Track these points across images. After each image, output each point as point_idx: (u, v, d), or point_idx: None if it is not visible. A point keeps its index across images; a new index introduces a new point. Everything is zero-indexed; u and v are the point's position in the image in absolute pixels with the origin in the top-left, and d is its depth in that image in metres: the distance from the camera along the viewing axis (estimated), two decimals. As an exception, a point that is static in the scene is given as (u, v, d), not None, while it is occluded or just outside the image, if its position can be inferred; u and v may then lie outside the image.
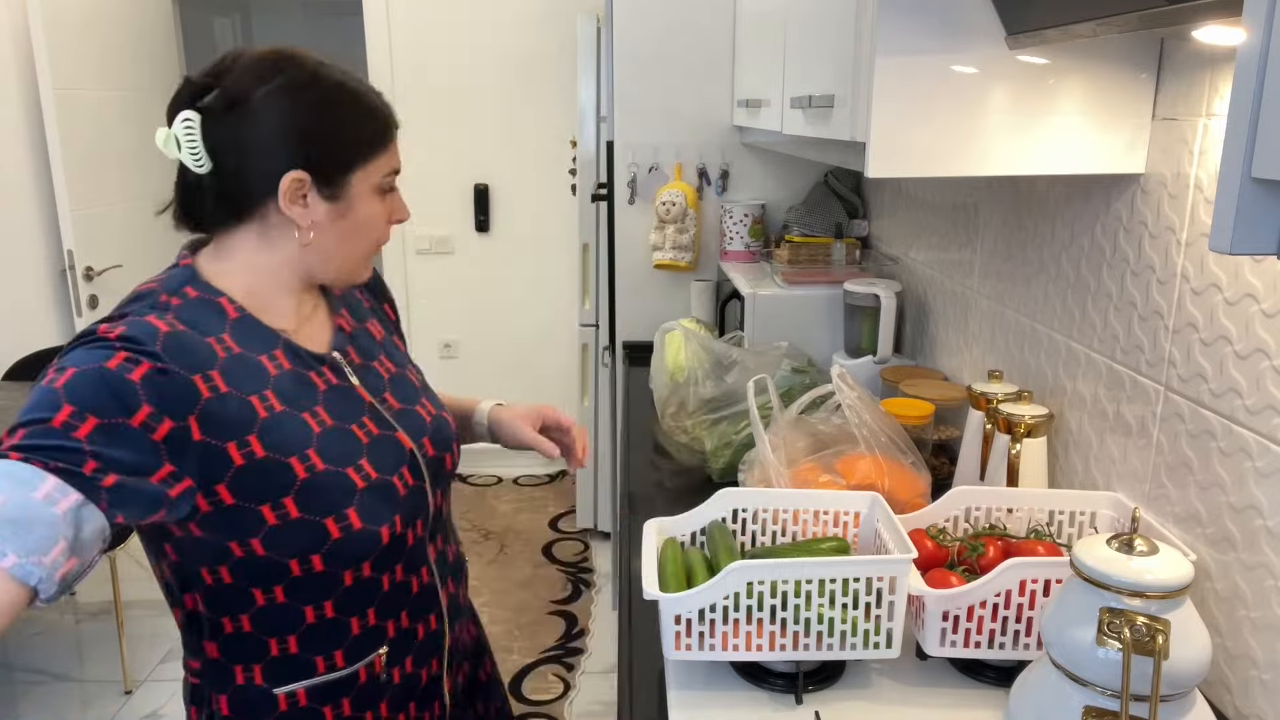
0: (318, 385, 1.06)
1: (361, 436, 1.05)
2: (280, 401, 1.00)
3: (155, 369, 0.91)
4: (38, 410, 0.88)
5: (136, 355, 0.91)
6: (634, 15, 2.61)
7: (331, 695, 1.08)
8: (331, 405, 1.05)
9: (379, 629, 1.09)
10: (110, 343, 0.92)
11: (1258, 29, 0.58)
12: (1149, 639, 0.83)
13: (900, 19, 1.20)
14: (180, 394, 0.92)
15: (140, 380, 0.90)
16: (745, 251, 2.63)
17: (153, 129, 1.09)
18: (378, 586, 1.07)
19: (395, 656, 1.12)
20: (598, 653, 2.92)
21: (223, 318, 1.03)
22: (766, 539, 1.30)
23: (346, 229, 1.05)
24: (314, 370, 1.06)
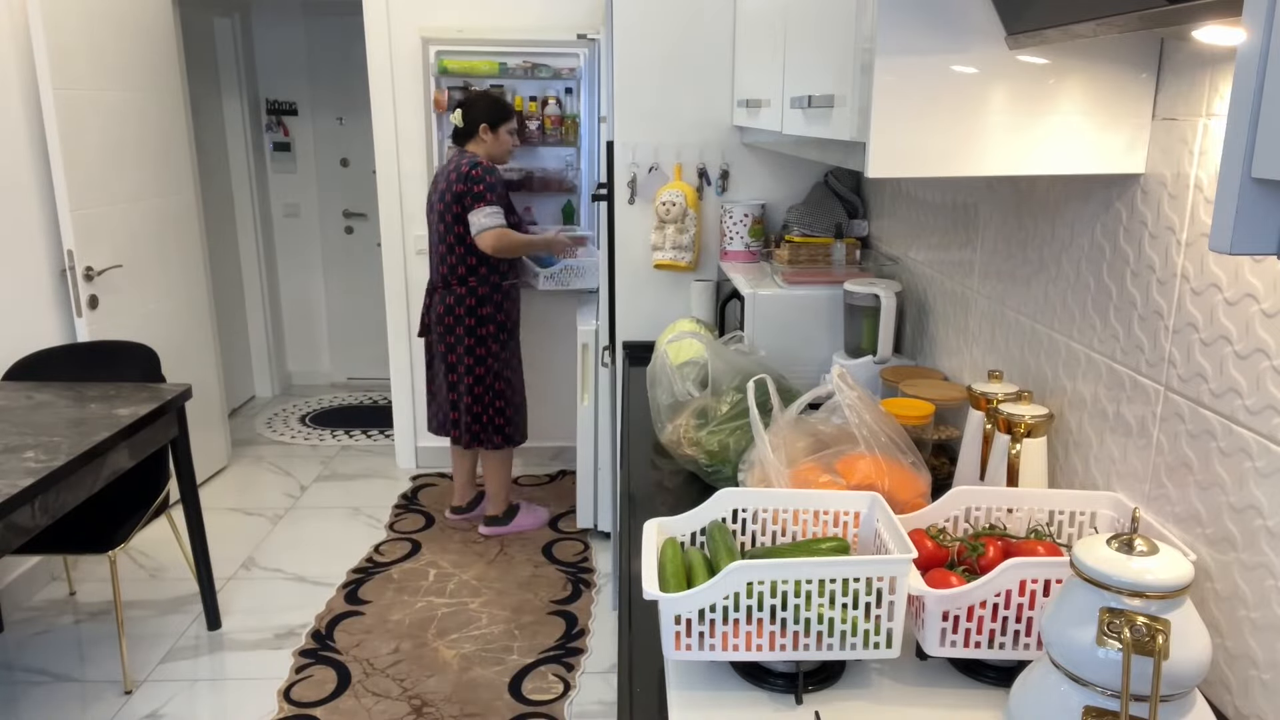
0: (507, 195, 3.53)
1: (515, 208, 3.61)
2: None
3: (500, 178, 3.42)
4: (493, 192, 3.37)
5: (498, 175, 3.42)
6: (634, 15, 2.61)
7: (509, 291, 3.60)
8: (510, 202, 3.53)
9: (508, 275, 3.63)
10: (497, 173, 3.41)
11: (1258, 29, 0.58)
12: (1149, 639, 0.83)
13: (900, 19, 1.20)
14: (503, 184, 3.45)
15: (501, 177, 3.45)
16: (745, 251, 2.63)
17: (153, 129, 1.13)
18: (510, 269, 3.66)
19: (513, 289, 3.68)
20: (598, 653, 2.92)
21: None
22: (766, 539, 1.30)
23: (498, 144, 3.42)
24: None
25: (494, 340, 3.46)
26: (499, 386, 3.51)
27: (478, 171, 3.26)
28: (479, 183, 3.26)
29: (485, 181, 3.27)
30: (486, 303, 3.42)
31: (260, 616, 3.13)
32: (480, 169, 3.27)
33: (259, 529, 3.80)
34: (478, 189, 3.27)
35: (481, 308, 3.42)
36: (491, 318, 3.44)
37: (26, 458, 2.24)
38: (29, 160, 3.19)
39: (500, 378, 3.51)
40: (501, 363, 3.50)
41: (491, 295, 3.42)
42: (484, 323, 3.43)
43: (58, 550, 2.71)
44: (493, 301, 3.43)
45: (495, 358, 3.47)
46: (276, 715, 2.61)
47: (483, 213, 3.26)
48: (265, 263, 5.36)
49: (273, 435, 4.90)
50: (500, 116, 3.35)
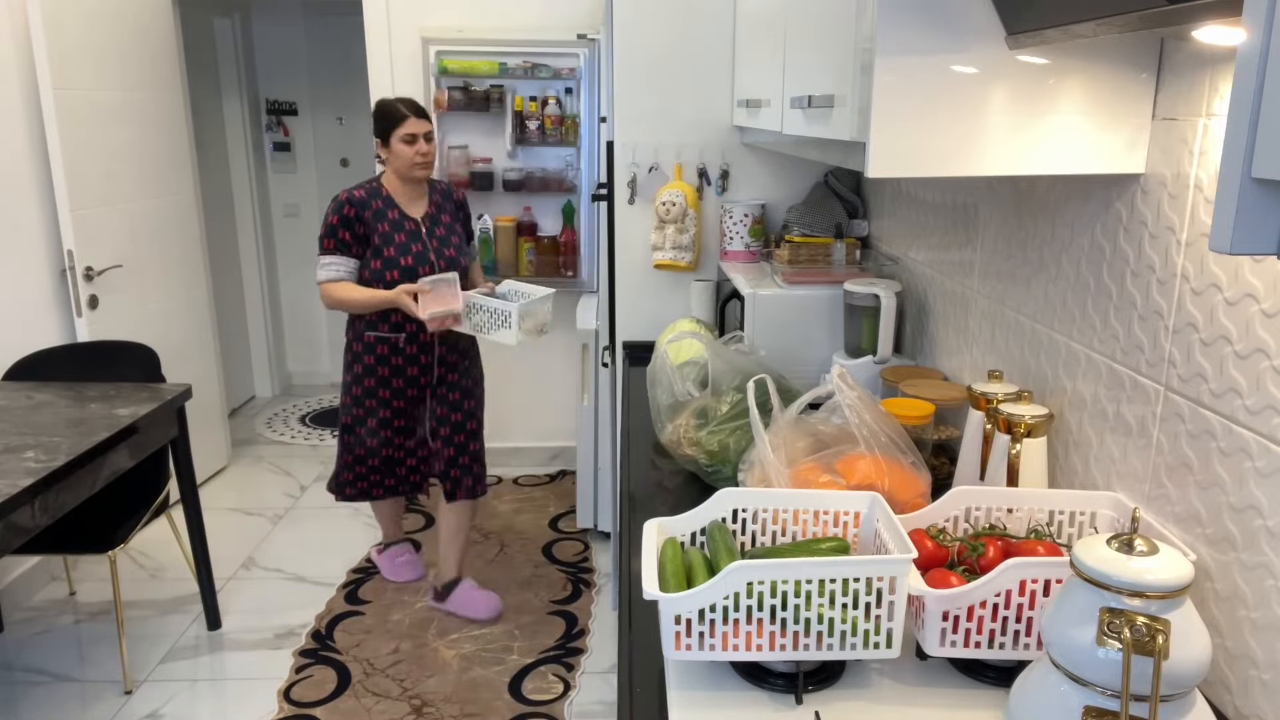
0: (406, 226, 2.84)
1: (413, 248, 2.83)
2: (390, 227, 2.81)
3: (351, 208, 2.79)
4: (331, 234, 2.79)
5: (350, 205, 2.80)
6: (634, 16, 2.61)
7: (383, 343, 2.90)
8: (408, 235, 2.83)
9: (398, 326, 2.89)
10: (341, 201, 2.79)
11: (1258, 29, 0.58)
12: (1149, 639, 0.83)
13: (900, 19, 1.20)
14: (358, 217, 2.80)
15: (353, 215, 2.80)
16: (745, 251, 2.63)
17: (152, 129, 1.14)
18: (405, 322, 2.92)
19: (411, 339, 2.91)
20: (598, 653, 2.92)
21: (379, 195, 2.84)
22: (766, 539, 1.30)
23: (393, 158, 2.82)
24: (409, 221, 2.85)
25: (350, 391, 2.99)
26: (346, 438, 3.04)
27: (331, 205, 2.80)
28: (324, 222, 2.80)
29: (325, 221, 2.79)
30: (348, 351, 2.97)
31: (260, 616, 3.13)
32: (333, 202, 2.80)
33: (259, 529, 3.80)
34: (322, 230, 2.80)
35: (348, 354, 2.97)
36: (349, 367, 2.97)
37: (26, 458, 2.24)
38: (29, 160, 3.19)
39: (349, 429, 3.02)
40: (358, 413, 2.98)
41: (351, 346, 2.96)
42: (347, 369, 2.98)
43: (58, 550, 2.71)
44: (351, 352, 2.96)
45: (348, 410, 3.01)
46: (276, 715, 2.61)
47: (319, 263, 2.81)
48: (265, 263, 5.35)
49: (273, 435, 4.90)
50: (387, 125, 2.78)
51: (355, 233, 2.77)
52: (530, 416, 4.40)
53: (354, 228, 2.76)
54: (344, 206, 2.76)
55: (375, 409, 2.94)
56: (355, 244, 2.78)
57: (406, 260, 2.78)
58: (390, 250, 2.78)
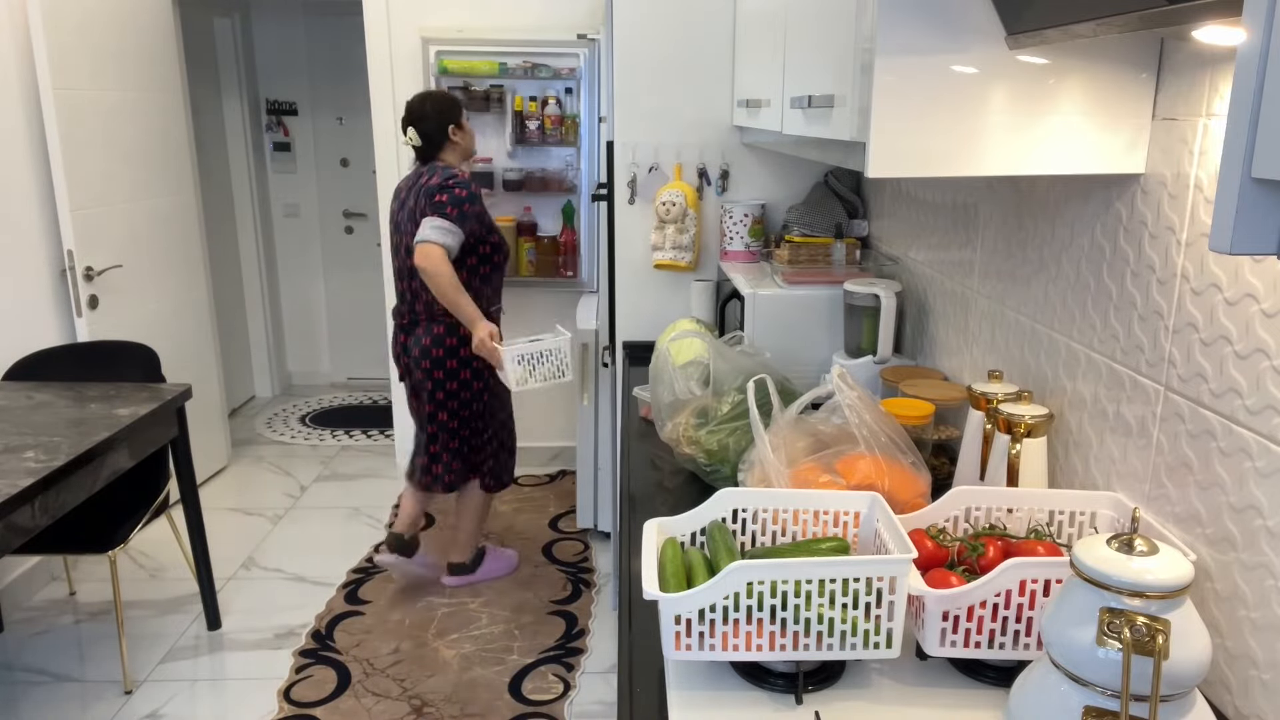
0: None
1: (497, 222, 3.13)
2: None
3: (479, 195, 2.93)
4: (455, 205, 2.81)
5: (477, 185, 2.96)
6: (634, 15, 2.61)
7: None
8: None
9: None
10: (466, 180, 2.86)
11: (1258, 29, 0.58)
12: (1149, 639, 0.83)
13: (900, 19, 1.20)
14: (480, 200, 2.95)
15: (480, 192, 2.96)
16: (745, 251, 2.63)
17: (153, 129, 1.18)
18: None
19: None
20: (598, 653, 2.92)
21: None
22: (766, 539, 1.30)
23: (468, 137, 3.00)
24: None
25: (479, 379, 3.01)
26: (489, 428, 3.12)
27: (452, 181, 2.80)
28: (446, 192, 2.77)
29: (452, 193, 2.78)
30: (451, 346, 2.96)
31: (260, 616, 3.13)
32: (455, 179, 2.81)
33: (259, 529, 3.80)
34: (440, 198, 2.76)
35: (467, 345, 2.94)
36: (466, 361, 2.98)
37: (26, 458, 2.24)
38: (29, 160, 3.19)
39: (493, 418, 3.12)
40: (491, 401, 3.09)
41: (457, 347, 2.96)
42: (468, 363, 2.97)
43: (58, 550, 2.71)
44: (455, 350, 2.96)
45: (480, 399, 3.04)
46: (276, 715, 2.61)
47: (432, 223, 2.74)
48: (265, 263, 5.35)
49: (273, 435, 4.90)
50: (457, 110, 2.95)
51: (479, 218, 2.86)
52: (530, 416, 4.40)
53: (481, 213, 2.86)
54: (475, 186, 2.85)
55: (500, 392, 3.11)
56: (472, 228, 2.83)
57: (488, 249, 2.94)
58: (497, 236, 2.95)
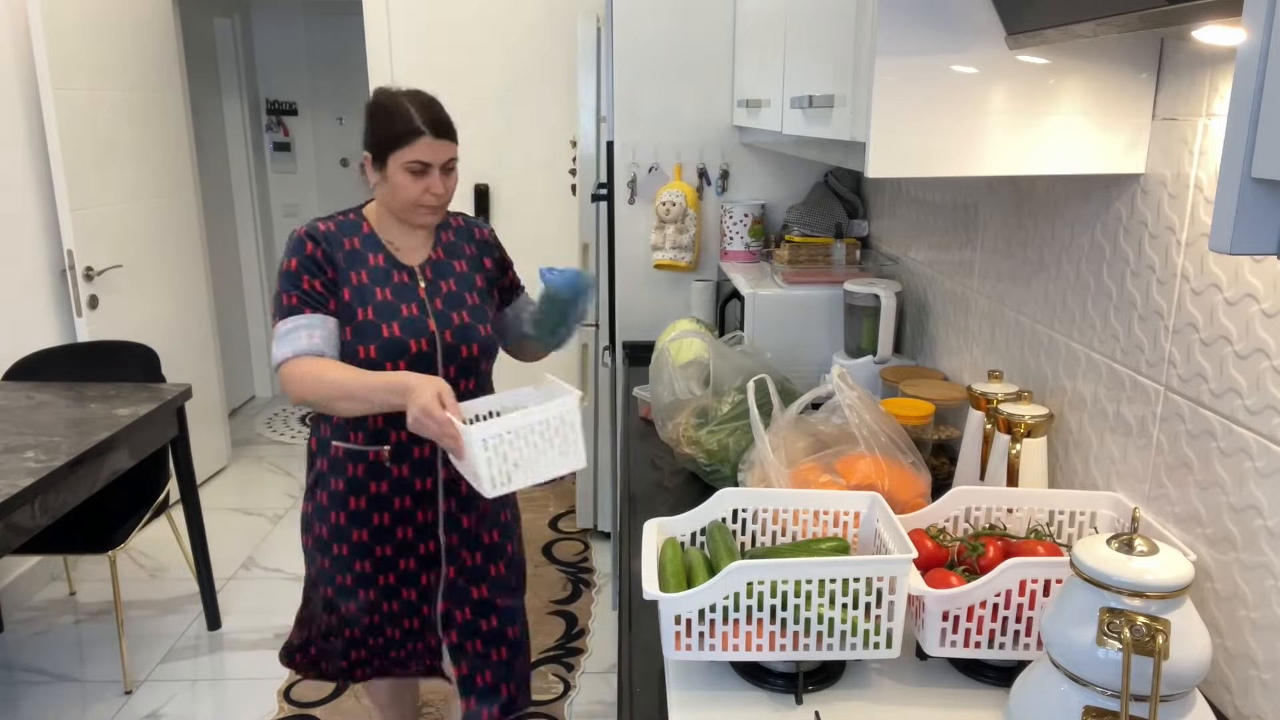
0: (394, 278, 1.77)
1: (403, 311, 1.74)
2: (368, 278, 1.75)
3: (316, 246, 1.72)
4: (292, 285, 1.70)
5: (315, 242, 1.73)
6: (634, 15, 2.61)
7: (354, 459, 1.80)
8: (396, 291, 1.76)
9: (381, 433, 1.79)
10: (302, 237, 1.73)
11: (1258, 29, 0.58)
12: (1149, 639, 0.83)
13: (900, 19, 1.20)
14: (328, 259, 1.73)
15: (322, 256, 1.72)
16: (745, 251, 2.63)
17: (153, 129, 1.18)
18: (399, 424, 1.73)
19: (396, 457, 1.80)
20: (598, 653, 2.92)
21: (359, 231, 1.78)
22: (766, 539, 1.30)
23: (387, 190, 1.73)
24: (397, 270, 1.78)
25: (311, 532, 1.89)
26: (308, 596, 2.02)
27: (290, 243, 1.75)
28: (279, 271, 1.75)
29: (281, 268, 1.74)
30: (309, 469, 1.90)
31: (260, 616, 3.13)
32: (290, 241, 1.75)
33: (259, 529, 3.80)
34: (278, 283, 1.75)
35: (309, 472, 1.90)
36: (310, 492, 1.89)
37: (26, 458, 2.24)
38: (29, 160, 3.19)
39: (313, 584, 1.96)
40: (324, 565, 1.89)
41: (312, 456, 1.89)
42: (308, 495, 1.90)
43: (58, 550, 2.71)
44: (313, 470, 1.88)
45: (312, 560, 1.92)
46: (276, 715, 2.61)
47: (275, 333, 1.72)
48: (265, 263, 5.35)
49: (273, 435, 4.90)
50: (386, 137, 1.70)
51: (327, 280, 1.71)
52: (530, 416, 4.39)
53: (324, 272, 1.71)
54: (305, 244, 1.71)
55: (347, 560, 1.85)
56: (328, 297, 1.71)
57: (391, 329, 1.71)
58: (366, 312, 1.71)
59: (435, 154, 1.69)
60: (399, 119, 1.69)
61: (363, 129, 1.75)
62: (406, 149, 1.68)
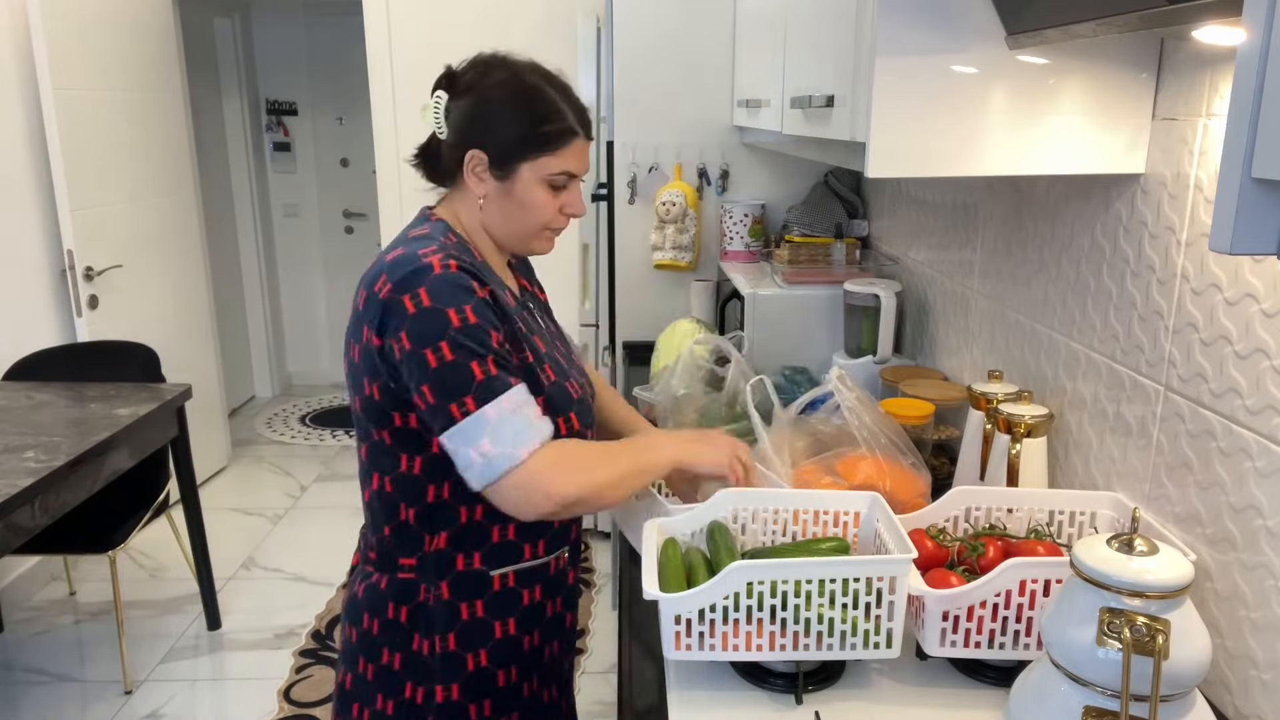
0: (535, 321, 1.31)
1: (560, 360, 1.30)
2: (524, 326, 1.24)
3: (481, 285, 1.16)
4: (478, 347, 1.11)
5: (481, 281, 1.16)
6: (634, 15, 2.61)
7: (530, 580, 1.30)
8: (542, 337, 1.29)
9: (564, 531, 1.36)
10: (458, 275, 1.13)
11: (1258, 29, 0.58)
12: (1149, 639, 0.83)
13: (900, 19, 1.20)
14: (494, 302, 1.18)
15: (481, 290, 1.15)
16: (745, 251, 2.63)
17: (153, 129, 1.15)
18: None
19: (571, 558, 1.41)
20: (598, 653, 2.92)
21: (475, 260, 1.23)
22: (766, 539, 1.30)
23: (510, 206, 1.24)
24: (526, 310, 1.31)
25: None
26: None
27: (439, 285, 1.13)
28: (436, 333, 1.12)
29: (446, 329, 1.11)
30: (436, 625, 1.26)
31: (260, 616, 3.13)
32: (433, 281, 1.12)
33: (259, 529, 3.80)
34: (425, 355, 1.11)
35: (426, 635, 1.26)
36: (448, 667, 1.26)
37: (26, 458, 2.24)
38: (29, 160, 3.19)
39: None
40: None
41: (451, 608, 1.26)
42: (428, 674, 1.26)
43: (58, 550, 2.71)
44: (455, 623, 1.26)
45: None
46: (276, 715, 2.61)
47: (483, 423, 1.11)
48: (265, 263, 5.35)
49: (273, 435, 4.89)
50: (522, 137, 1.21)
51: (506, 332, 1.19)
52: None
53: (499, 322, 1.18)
54: (472, 281, 1.15)
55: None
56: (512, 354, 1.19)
57: (573, 387, 1.28)
58: (546, 370, 1.24)
59: (584, 162, 1.26)
60: (547, 112, 1.22)
61: (466, 115, 1.22)
62: (554, 156, 1.21)
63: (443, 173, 1.29)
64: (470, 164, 1.23)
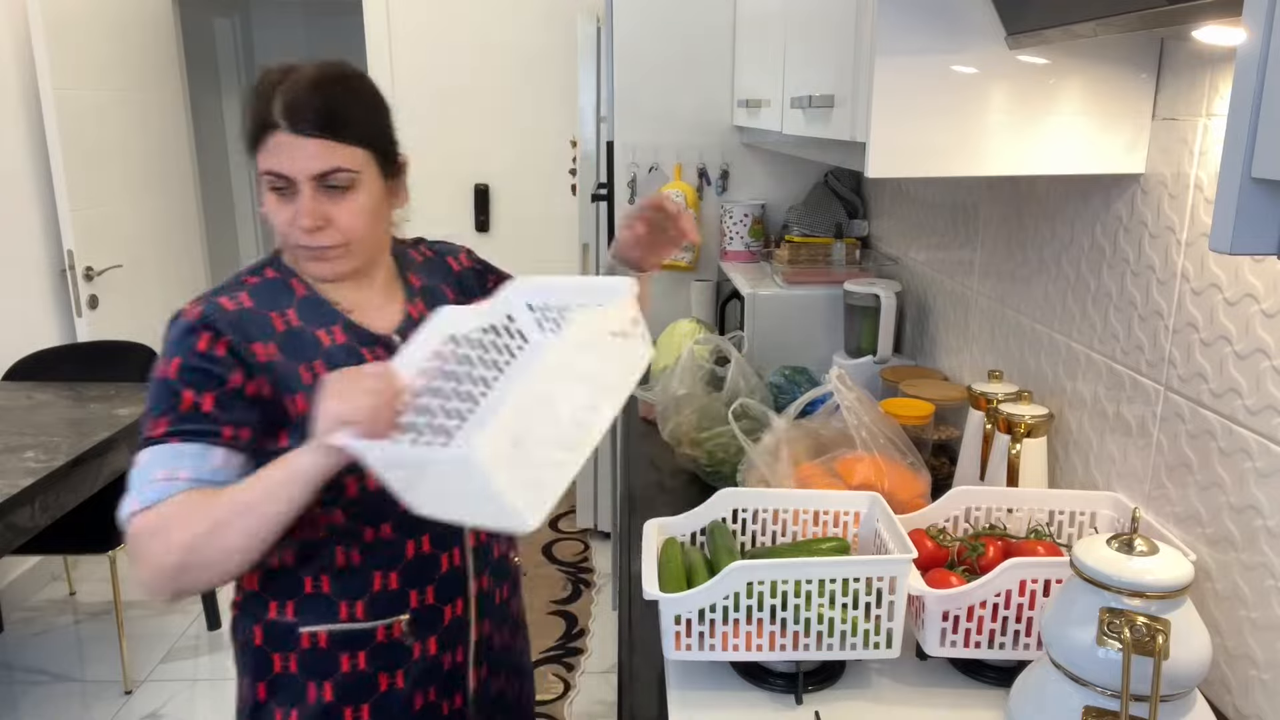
0: (366, 359, 1.14)
1: None
2: (327, 368, 1.09)
3: (213, 337, 1.06)
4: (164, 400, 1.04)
5: (216, 332, 1.06)
6: (634, 15, 2.61)
7: (349, 644, 1.15)
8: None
9: (401, 594, 1.16)
10: (193, 324, 1.07)
11: (1258, 29, 0.58)
12: (1149, 639, 0.83)
13: (900, 19, 1.20)
14: (250, 360, 1.07)
15: (225, 353, 1.05)
16: (745, 251, 2.63)
17: (152, 129, 1.15)
18: (401, 550, 1.15)
19: (419, 630, 1.18)
20: (598, 653, 2.92)
21: (292, 296, 1.14)
22: (766, 539, 1.30)
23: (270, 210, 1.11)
24: (367, 346, 1.16)
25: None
26: None
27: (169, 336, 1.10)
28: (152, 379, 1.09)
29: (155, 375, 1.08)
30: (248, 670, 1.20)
31: (260, 616, 3.13)
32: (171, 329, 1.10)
33: (259, 529, 3.80)
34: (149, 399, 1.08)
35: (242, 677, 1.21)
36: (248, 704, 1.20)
37: (26, 458, 2.24)
38: (29, 160, 3.19)
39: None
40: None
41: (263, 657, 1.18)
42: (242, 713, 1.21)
43: (58, 550, 2.71)
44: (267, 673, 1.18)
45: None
46: (276, 715, 2.61)
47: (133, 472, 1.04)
48: (265, 263, 5.35)
49: (273, 435, 4.89)
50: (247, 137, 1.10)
51: (230, 391, 1.06)
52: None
53: (226, 378, 1.07)
54: (197, 334, 1.07)
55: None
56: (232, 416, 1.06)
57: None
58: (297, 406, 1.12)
59: (295, 159, 1.05)
60: (254, 101, 1.08)
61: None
62: (259, 153, 1.08)
63: None
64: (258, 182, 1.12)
